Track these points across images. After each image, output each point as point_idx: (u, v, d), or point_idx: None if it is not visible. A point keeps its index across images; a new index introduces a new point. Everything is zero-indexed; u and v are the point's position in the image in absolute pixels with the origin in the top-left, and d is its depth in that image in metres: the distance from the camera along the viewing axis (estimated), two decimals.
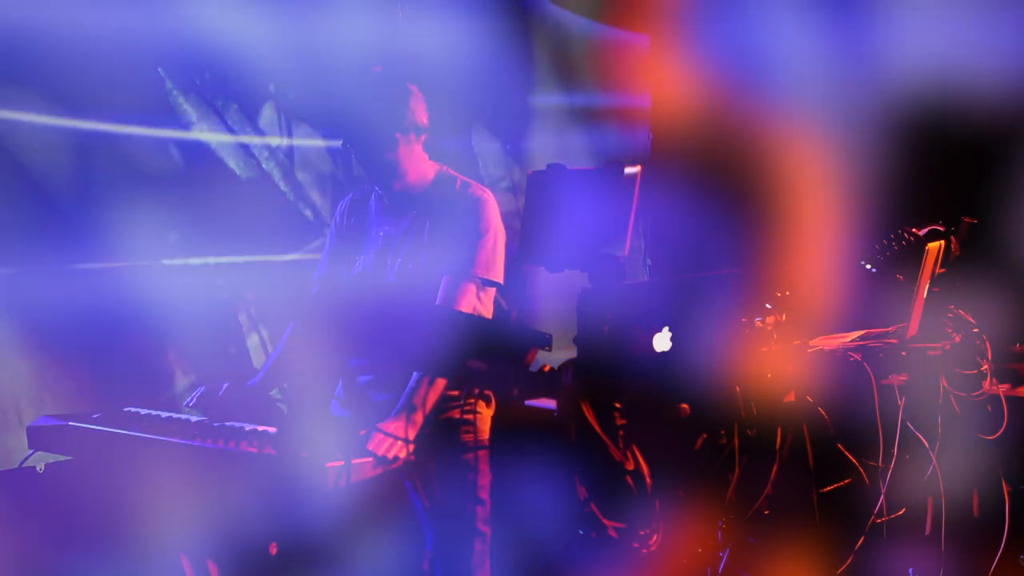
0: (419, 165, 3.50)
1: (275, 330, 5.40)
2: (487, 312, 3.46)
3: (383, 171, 3.47)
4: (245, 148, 5.42)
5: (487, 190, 3.50)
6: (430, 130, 3.52)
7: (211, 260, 5.27)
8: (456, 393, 3.41)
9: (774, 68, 5.23)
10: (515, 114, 6.23)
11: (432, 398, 3.25)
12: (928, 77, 4.78)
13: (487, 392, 3.48)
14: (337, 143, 5.58)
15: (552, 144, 6.27)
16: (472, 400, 3.45)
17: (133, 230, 4.88)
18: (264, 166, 5.47)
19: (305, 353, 3.61)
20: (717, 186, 5.52)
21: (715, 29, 5.55)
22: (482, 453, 3.45)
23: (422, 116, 3.48)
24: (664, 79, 5.90)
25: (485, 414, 3.50)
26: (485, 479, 3.45)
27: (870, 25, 5.04)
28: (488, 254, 3.42)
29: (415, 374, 3.27)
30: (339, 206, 3.71)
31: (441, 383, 3.27)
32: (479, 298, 3.41)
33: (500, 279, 3.45)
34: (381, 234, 3.55)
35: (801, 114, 5.18)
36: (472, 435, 3.44)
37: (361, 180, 3.86)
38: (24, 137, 4.63)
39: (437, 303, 3.33)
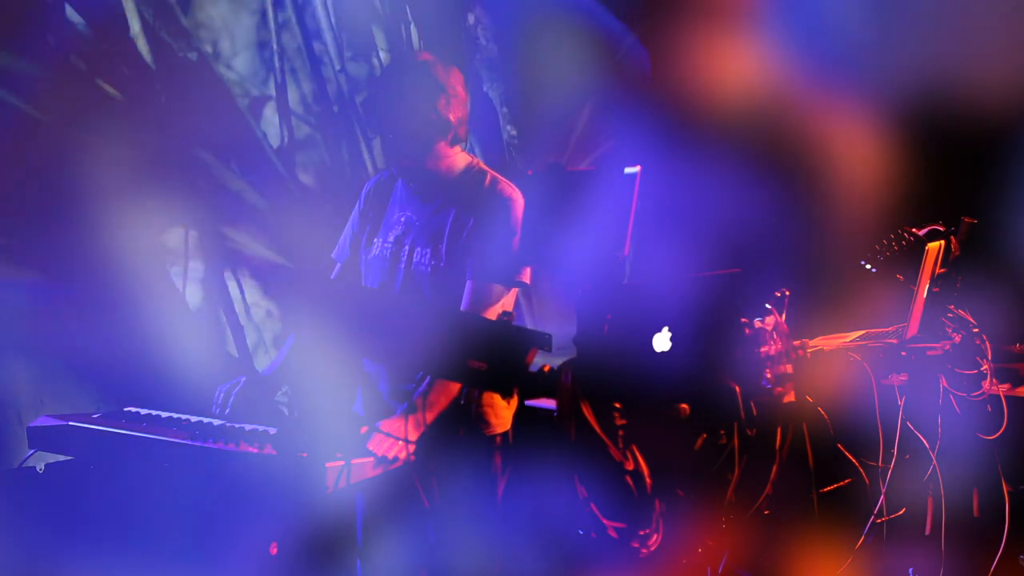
0: (452, 151, 3.48)
1: (276, 330, 5.41)
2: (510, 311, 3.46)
3: (419, 147, 3.43)
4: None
5: (516, 188, 3.49)
6: (467, 117, 3.49)
7: (214, 261, 5.28)
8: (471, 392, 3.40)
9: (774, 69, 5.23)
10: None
11: (433, 398, 3.25)
12: (928, 77, 4.78)
13: None
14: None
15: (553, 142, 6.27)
16: (480, 398, 3.45)
17: (137, 231, 4.89)
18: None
19: (312, 355, 3.59)
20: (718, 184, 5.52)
21: (715, 28, 5.55)
22: (490, 452, 3.45)
23: (460, 104, 3.45)
24: (663, 79, 5.89)
25: (501, 412, 3.48)
26: (489, 478, 3.45)
27: (871, 26, 5.04)
28: (519, 256, 3.41)
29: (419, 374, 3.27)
30: (365, 187, 3.69)
31: (445, 382, 3.26)
32: (505, 300, 3.42)
33: (528, 280, 3.45)
34: (403, 219, 3.54)
35: (802, 113, 5.18)
36: (483, 433, 3.44)
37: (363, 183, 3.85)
38: None
39: (465, 306, 3.33)
